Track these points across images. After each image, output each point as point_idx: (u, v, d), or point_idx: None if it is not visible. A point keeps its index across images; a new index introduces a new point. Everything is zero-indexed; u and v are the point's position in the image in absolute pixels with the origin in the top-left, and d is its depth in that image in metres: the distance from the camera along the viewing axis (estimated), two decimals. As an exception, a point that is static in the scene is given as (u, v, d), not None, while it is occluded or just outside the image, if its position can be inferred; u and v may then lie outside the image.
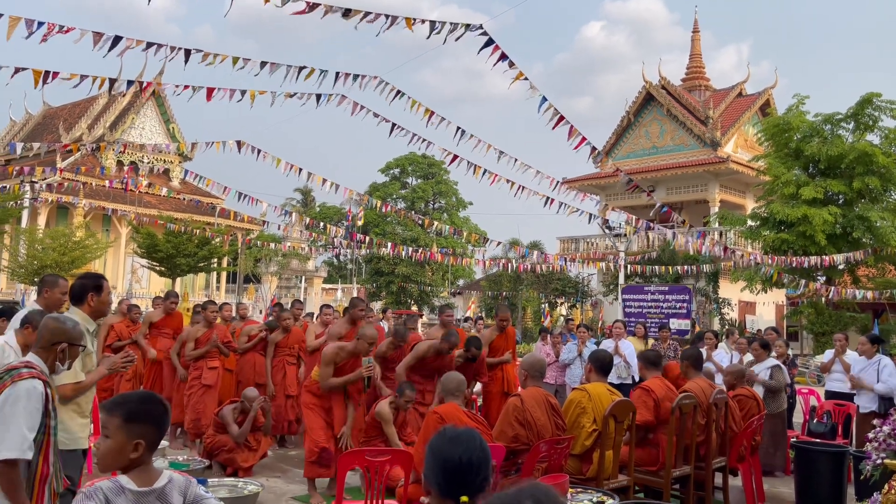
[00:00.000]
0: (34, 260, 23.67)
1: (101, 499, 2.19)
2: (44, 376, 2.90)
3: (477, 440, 1.95)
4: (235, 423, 6.52)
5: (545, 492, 1.55)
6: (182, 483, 2.38)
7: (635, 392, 5.49)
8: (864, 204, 20.38)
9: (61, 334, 3.13)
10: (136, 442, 2.27)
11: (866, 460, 3.72)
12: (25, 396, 2.77)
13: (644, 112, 31.41)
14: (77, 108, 35.88)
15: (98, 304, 3.98)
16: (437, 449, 1.92)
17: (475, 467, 1.90)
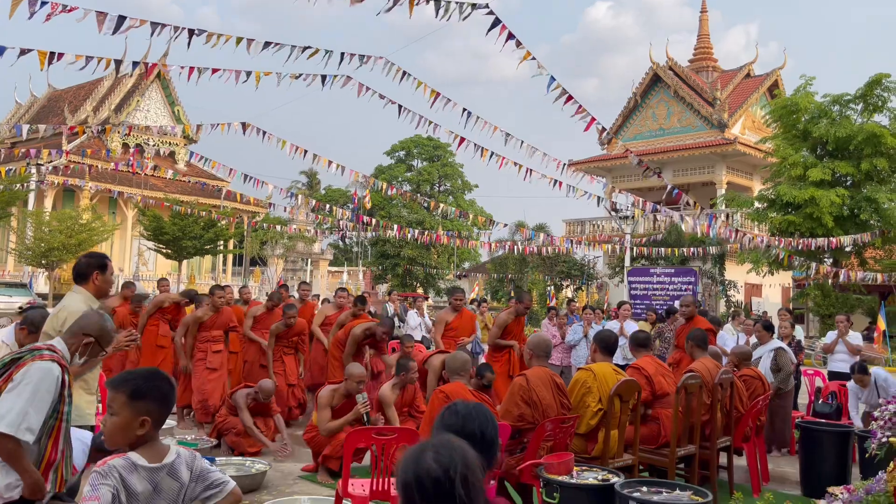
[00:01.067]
0: (41, 243, 23.80)
1: (117, 477, 2.22)
2: (63, 361, 2.86)
3: (489, 414, 1.96)
4: (248, 409, 6.55)
5: (446, 443, 1.56)
6: (188, 457, 2.42)
7: (627, 371, 5.54)
8: (872, 185, 20.24)
9: (95, 329, 3.07)
10: (143, 419, 2.29)
11: (871, 439, 3.72)
12: (39, 377, 2.74)
13: (651, 93, 31.19)
14: (82, 91, 35.84)
15: (102, 282, 3.98)
16: (451, 425, 1.91)
17: (489, 442, 1.91)
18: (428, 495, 1.49)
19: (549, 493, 3.89)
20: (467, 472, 1.51)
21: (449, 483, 1.48)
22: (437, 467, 1.50)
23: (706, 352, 6.04)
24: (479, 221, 22.64)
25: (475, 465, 1.55)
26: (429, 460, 1.51)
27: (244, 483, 5.45)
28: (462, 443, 1.59)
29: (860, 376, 7.25)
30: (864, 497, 3.71)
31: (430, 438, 1.60)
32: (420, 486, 1.50)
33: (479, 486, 1.53)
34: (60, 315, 3.80)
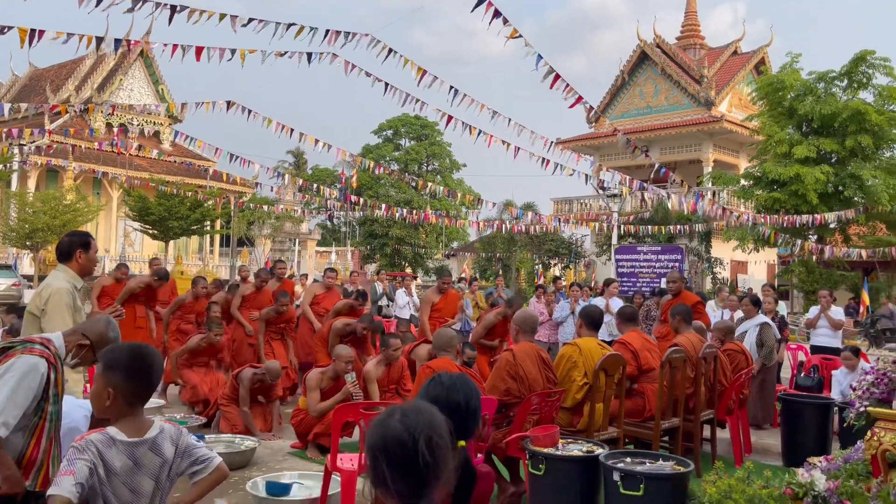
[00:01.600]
0: (25, 224, 23.58)
1: (94, 451, 2.22)
2: (54, 358, 2.79)
3: (473, 386, 1.99)
4: (251, 391, 6.49)
5: (414, 407, 1.57)
6: (173, 432, 2.42)
7: (614, 346, 5.61)
8: (857, 162, 20.39)
9: (94, 334, 2.97)
10: (108, 390, 2.30)
11: (850, 408, 3.80)
12: (22, 372, 2.67)
13: (638, 71, 31.13)
14: (64, 70, 35.31)
15: (86, 261, 3.95)
16: (436, 395, 1.93)
17: (473, 412, 1.94)
18: (393, 457, 1.49)
19: (535, 465, 3.96)
20: (433, 435, 1.50)
21: (413, 445, 1.48)
22: (403, 430, 1.49)
23: (691, 326, 6.11)
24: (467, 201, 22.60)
25: (442, 429, 1.54)
26: (395, 423, 1.52)
27: (234, 460, 5.49)
28: (430, 407, 1.58)
29: (849, 355, 7.33)
30: (842, 465, 3.80)
31: (398, 404, 1.61)
32: (385, 449, 1.50)
33: (445, 450, 1.52)
34: (44, 293, 3.79)
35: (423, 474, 1.48)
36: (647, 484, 3.54)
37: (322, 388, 5.80)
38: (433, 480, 1.50)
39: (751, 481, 3.59)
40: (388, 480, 1.50)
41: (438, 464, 1.49)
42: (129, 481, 2.27)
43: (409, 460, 1.48)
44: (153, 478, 2.32)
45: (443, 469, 1.51)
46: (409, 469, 1.48)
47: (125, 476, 2.26)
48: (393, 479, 1.49)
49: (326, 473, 4.49)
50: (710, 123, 27.74)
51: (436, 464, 1.49)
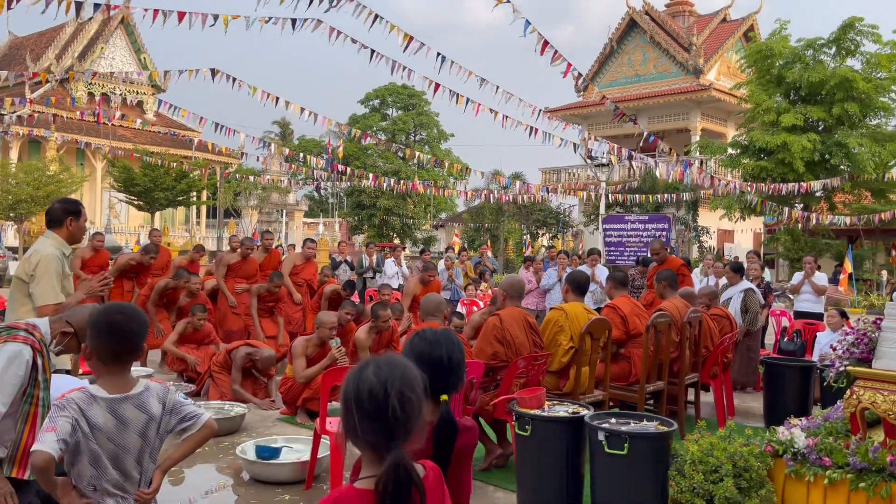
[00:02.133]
0: (8, 195, 23.30)
1: (75, 408, 2.23)
2: (39, 344, 2.78)
3: (456, 341, 2.01)
4: (240, 372, 6.51)
5: (388, 359, 1.59)
6: (160, 390, 2.42)
7: (603, 310, 5.65)
8: (843, 130, 20.46)
9: (78, 323, 2.91)
10: (85, 345, 2.34)
11: (829, 368, 3.87)
12: (6, 360, 2.66)
13: (627, 39, 30.94)
14: (44, 38, 34.61)
15: (76, 229, 3.94)
16: (420, 351, 1.94)
17: (455, 366, 1.96)
18: (363, 408, 1.51)
19: (522, 427, 4.01)
20: (404, 388, 1.52)
21: (384, 396, 1.50)
22: (376, 381, 1.52)
23: (676, 291, 6.17)
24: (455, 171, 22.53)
25: (415, 383, 1.56)
26: (369, 374, 1.54)
27: (224, 426, 5.53)
28: (405, 361, 1.60)
29: (834, 313, 7.41)
30: (822, 424, 3.88)
31: (376, 357, 1.63)
32: (357, 399, 1.52)
33: (416, 404, 1.54)
34: (32, 259, 3.77)
35: (392, 426, 1.51)
36: (632, 443, 3.59)
37: (308, 356, 5.84)
38: (402, 433, 1.52)
39: (732, 440, 3.66)
40: (357, 429, 1.53)
41: (409, 417, 1.52)
42: (116, 437, 2.28)
43: (379, 411, 1.50)
44: (140, 434, 2.33)
45: (413, 422, 1.54)
46: (378, 420, 1.51)
47: (110, 432, 2.27)
48: (363, 429, 1.53)
49: (316, 436, 4.53)
50: (699, 92, 27.69)
51: (406, 417, 1.52)
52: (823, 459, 3.40)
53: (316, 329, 5.89)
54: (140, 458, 2.35)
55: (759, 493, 3.43)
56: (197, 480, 4.65)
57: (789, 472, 3.48)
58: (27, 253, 3.90)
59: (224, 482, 4.61)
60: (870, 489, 3.21)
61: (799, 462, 3.47)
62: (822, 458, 3.41)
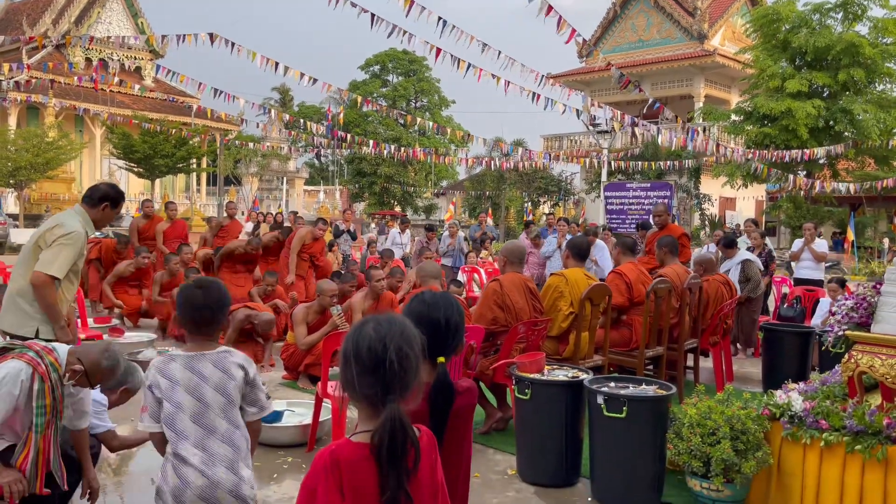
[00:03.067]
0: (8, 162, 23.21)
1: (153, 373, 2.44)
2: (45, 370, 2.75)
3: (455, 303, 2.01)
4: (237, 332, 6.56)
5: (388, 317, 1.64)
6: (242, 359, 2.54)
7: (609, 276, 5.63)
8: (848, 97, 20.25)
9: (89, 362, 2.88)
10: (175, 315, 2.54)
11: (828, 333, 3.88)
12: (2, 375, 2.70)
13: (631, 4, 30.47)
14: (40, 3, 34.14)
15: (107, 215, 3.94)
16: (419, 312, 1.95)
17: (453, 328, 1.96)
18: (362, 362, 1.54)
19: (521, 390, 4.04)
20: (402, 344, 1.55)
21: (383, 351, 1.53)
22: (375, 337, 1.55)
23: (676, 258, 6.16)
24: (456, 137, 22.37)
25: (413, 340, 1.59)
26: (368, 330, 1.57)
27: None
28: (405, 320, 1.65)
29: (835, 287, 7.41)
30: (819, 388, 3.91)
31: (375, 315, 1.67)
32: (357, 354, 1.55)
33: (413, 361, 1.57)
34: (57, 230, 3.73)
35: (388, 380, 1.53)
36: (630, 406, 3.63)
37: (308, 322, 5.87)
38: (398, 387, 1.55)
39: (730, 403, 3.69)
40: (355, 383, 1.56)
41: (406, 372, 1.55)
42: (194, 391, 2.41)
43: (376, 366, 1.53)
44: (219, 391, 2.44)
45: (409, 378, 1.57)
46: (376, 373, 1.54)
47: (188, 385, 2.41)
48: (360, 383, 1.55)
49: (317, 400, 4.57)
50: (703, 57, 27.35)
51: (403, 371, 1.54)
52: (820, 422, 3.43)
53: (317, 297, 5.91)
54: (226, 413, 2.44)
55: (755, 455, 3.46)
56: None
57: (786, 434, 3.51)
58: (51, 221, 3.84)
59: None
60: (865, 451, 3.24)
61: (796, 425, 3.50)
62: (818, 421, 3.44)
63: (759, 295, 7.78)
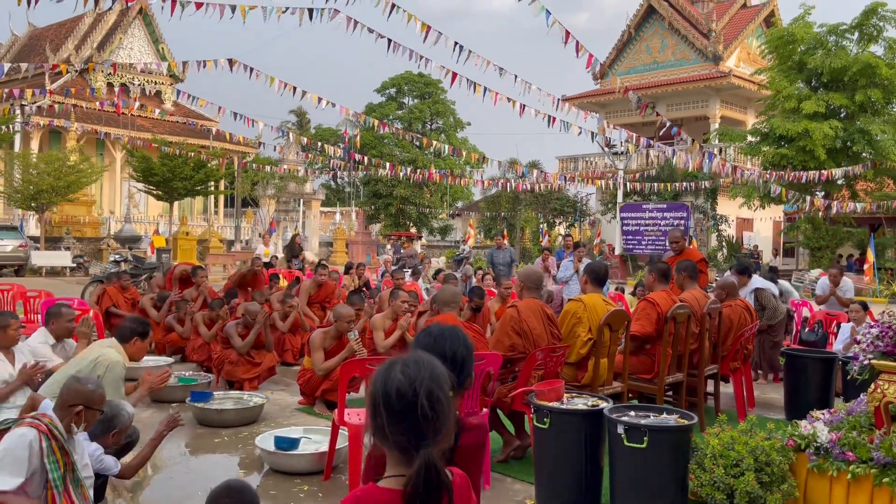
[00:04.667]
0: (30, 185, 23.56)
1: None
2: (45, 427, 2.84)
3: (461, 337, 1.98)
4: (239, 336, 6.67)
5: (416, 358, 1.58)
6: None
7: (641, 303, 5.53)
8: (866, 117, 20.13)
9: (79, 397, 3.05)
10: None
11: (853, 362, 3.81)
12: (8, 442, 2.78)
13: (645, 26, 30.59)
14: (63, 29, 34.89)
15: (139, 349, 4.20)
16: (425, 345, 1.93)
17: (460, 362, 1.94)
18: (392, 407, 1.49)
19: (540, 419, 4.00)
20: (433, 386, 1.50)
21: (413, 395, 1.48)
22: (403, 379, 1.50)
23: (696, 283, 6.10)
24: (471, 159, 22.43)
25: (443, 380, 1.54)
26: (397, 374, 1.52)
27: (242, 416, 5.58)
28: (432, 359, 1.59)
29: (858, 308, 7.28)
30: (845, 418, 3.83)
31: (401, 355, 1.61)
32: (386, 398, 1.50)
33: (445, 402, 1.52)
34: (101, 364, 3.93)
35: (421, 426, 1.49)
36: (651, 436, 3.57)
37: (325, 348, 5.85)
38: (431, 433, 1.50)
39: (753, 433, 3.63)
40: (386, 430, 1.51)
41: (438, 416, 1.50)
42: None
43: (408, 411, 1.48)
44: None
45: (442, 422, 1.51)
46: (408, 420, 1.49)
47: None
48: (391, 430, 1.50)
49: (334, 428, 4.55)
50: (718, 79, 27.33)
51: (435, 416, 1.49)
52: (847, 454, 3.36)
53: (334, 322, 5.90)
54: None
55: (780, 487, 3.40)
56: (216, 470, 4.69)
57: (812, 466, 3.44)
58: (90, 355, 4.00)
59: (243, 472, 4.65)
60: (894, 484, 3.16)
61: (822, 457, 3.43)
62: (845, 453, 3.37)
63: (781, 320, 7.67)
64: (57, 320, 4.83)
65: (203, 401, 5.61)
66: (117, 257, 16.46)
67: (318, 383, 5.88)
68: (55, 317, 4.85)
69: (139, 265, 15.02)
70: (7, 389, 4.12)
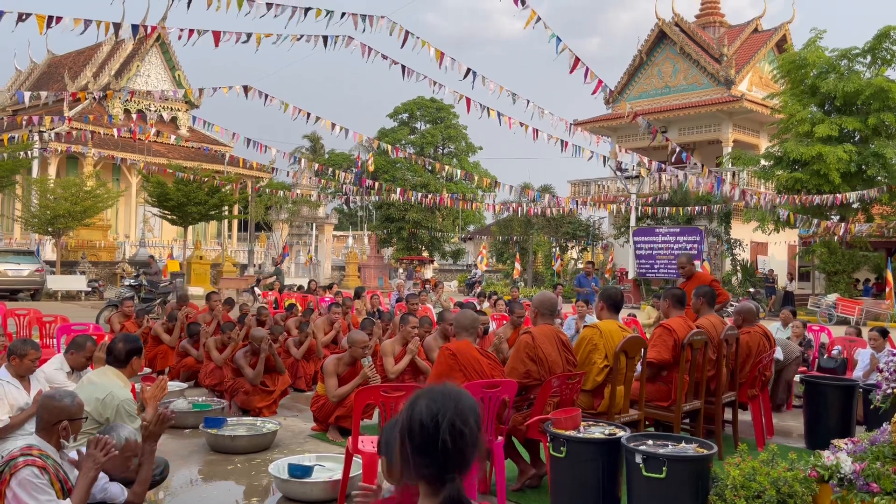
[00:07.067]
0: (47, 210, 23.84)
1: None
2: (41, 461, 2.89)
3: (465, 408, 1.62)
4: (249, 367, 6.63)
5: (441, 390, 1.56)
6: None
7: (657, 330, 5.47)
8: (880, 141, 20.05)
9: (60, 412, 3.08)
10: None
11: (876, 390, 3.75)
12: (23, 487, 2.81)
13: (657, 51, 30.73)
14: (81, 57, 35.53)
15: (137, 367, 4.17)
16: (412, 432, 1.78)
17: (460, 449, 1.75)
18: (415, 441, 1.49)
19: (556, 448, 3.95)
20: (456, 420, 1.49)
21: (435, 429, 1.47)
22: (426, 413, 1.49)
23: (712, 308, 6.04)
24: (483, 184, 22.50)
25: (468, 413, 1.52)
26: (421, 406, 1.51)
27: (256, 442, 5.56)
28: (459, 392, 1.57)
29: (876, 335, 7.16)
30: (868, 448, 3.76)
31: (430, 386, 1.61)
32: (410, 432, 1.50)
33: (469, 437, 1.50)
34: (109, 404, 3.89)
35: (444, 461, 1.48)
36: (670, 466, 3.52)
37: (339, 374, 5.83)
38: (455, 466, 1.49)
39: (775, 463, 3.56)
40: (411, 462, 1.50)
41: (462, 451, 1.49)
42: None
43: (430, 444, 1.48)
44: None
45: (468, 454, 1.50)
46: (430, 453, 1.48)
47: None
48: (417, 462, 1.50)
49: (348, 455, 4.51)
50: (730, 103, 27.35)
51: (458, 451, 1.48)
52: (871, 485, 3.29)
53: (348, 348, 5.88)
54: None
55: (803, 519, 3.33)
56: (229, 497, 4.66)
57: (835, 498, 3.37)
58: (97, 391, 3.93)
59: (256, 500, 4.61)
60: (921, 518, 3.09)
61: (845, 488, 3.36)
62: (869, 484, 3.30)
63: (792, 361, 7.44)
64: (78, 352, 4.79)
65: (216, 427, 5.60)
66: (131, 282, 16.57)
67: (332, 410, 5.85)
68: (78, 348, 4.80)
69: (153, 289, 15.08)
70: (22, 417, 4.13)
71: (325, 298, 13.63)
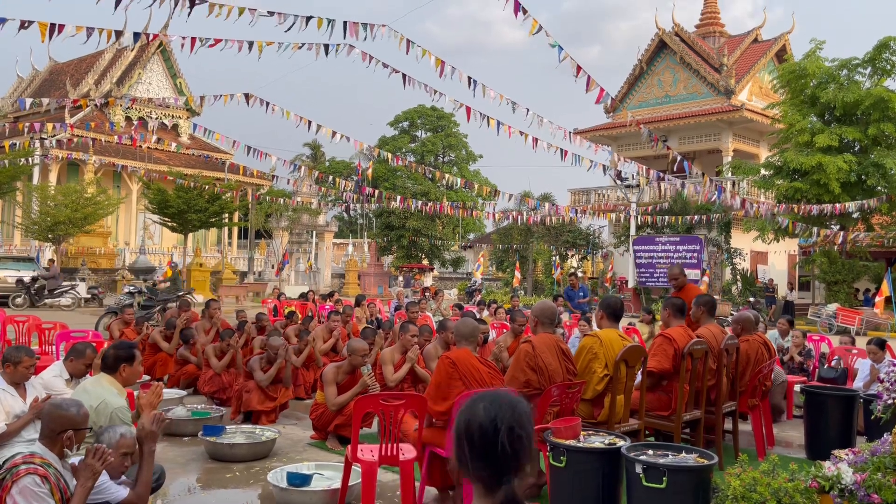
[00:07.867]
0: (47, 217, 23.85)
1: None
2: (42, 470, 2.88)
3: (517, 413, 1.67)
4: (261, 371, 6.67)
5: (497, 395, 1.62)
6: None
7: (657, 339, 5.47)
8: (880, 151, 20.08)
9: (66, 422, 3.07)
10: None
11: (877, 401, 3.74)
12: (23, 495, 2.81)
13: (657, 60, 30.82)
14: (83, 64, 35.62)
15: (130, 374, 4.09)
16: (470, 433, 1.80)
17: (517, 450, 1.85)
18: (474, 444, 1.55)
19: (556, 457, 3.94)
20: (514, 424, 1.55)
21: (493, 433, 1.53)
22: (486, 418, 1.56)
23: (713, 317, 6.03)
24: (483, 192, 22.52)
25: (524, 417, 1.58)
26: (479, 410, 1.58)
27: (255, 450, 5.54)
28: (514, 397, 1.64)
29: (874, 349, 7.15)
30: (869, 458, 3.74)
31: (486, 391, 1.67)
32: (468, 436, 1.57)
33: (525, 441, 1.57)
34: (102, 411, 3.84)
35: (501, 462, 1.54)
36: (671, 476, 3.50)
37: (338, 382, 5.81)
38: (512, 469, 1.56)
39: (776, 474, 3.55)
40: (469, 465, 1.57)
41: (518, 454, 1.56)
42: None
43: (488, 448, 1.55)
44: None
45: (523, 458, 1.57)
46: (489, 456, 1.55)
47: None
48: (474, 465, 1.56)
49: (347, 464, 4.50)
50: (730, 112, 27.41)
51: (515, 454, 1.55)
52: (872, 496, 3.28)
53: (348, 356, 5.87)
54: None
55: (804, 530, 3.31)
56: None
57: (836, 509, 3.35)
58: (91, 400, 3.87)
59: (255, 508, 4.59)
60: (923, 529, 3.08)
61: (846, 499, 3.35)
62: (870, 495, 3.28)
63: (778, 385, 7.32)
64: (78, 360, 4.76)
65: (215, 435, 5.58)
66: (131, 289, 16.55)
67: (331, 418, 5.83)
68: (78, 355, 4.77)
69: (153, 297, 15.05)
70: (19, 424, 4.11)
71: (325, 306, 13.61)
